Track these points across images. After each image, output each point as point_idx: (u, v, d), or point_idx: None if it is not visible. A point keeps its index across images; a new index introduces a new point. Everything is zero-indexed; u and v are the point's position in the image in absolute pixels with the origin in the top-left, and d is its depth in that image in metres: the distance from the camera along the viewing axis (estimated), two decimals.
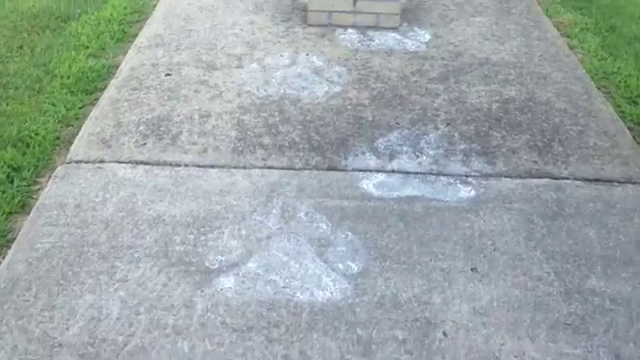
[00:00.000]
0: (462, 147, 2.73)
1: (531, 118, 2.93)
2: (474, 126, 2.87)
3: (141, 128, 2.78)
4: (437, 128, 2.85)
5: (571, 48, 3.64)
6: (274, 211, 2.34)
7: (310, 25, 3.74)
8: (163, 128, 2.79)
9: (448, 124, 2.88)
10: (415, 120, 2.91)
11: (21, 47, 3.50)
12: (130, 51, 3.46)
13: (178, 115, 2.88)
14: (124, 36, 3.71)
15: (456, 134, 2.81)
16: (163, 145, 2.68)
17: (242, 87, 3.12)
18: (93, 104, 3.02)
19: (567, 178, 2.56)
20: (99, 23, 3.81)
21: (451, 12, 3.97)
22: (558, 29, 3.87)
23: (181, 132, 2.77)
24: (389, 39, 3.63)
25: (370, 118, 2.91)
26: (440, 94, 3.11)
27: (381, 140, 2.76)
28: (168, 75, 3.20)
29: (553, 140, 2.78)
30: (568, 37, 3.81)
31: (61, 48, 3.51)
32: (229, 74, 3.23)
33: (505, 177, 2.56)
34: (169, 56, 3.38)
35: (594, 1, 4.24)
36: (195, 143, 2.70)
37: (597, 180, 2.55)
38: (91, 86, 3.18)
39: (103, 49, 3.55)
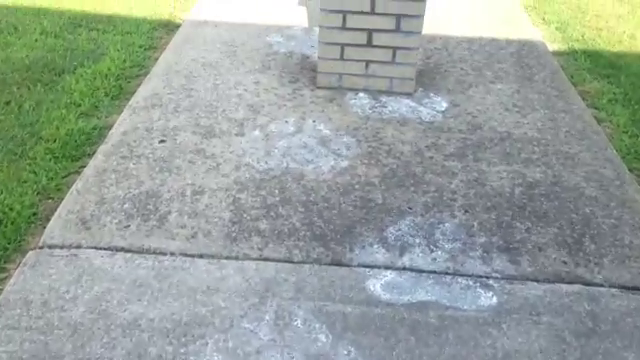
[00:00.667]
0: (482, 240, 2.45)
1: (558, 207, 2.65)
2: (495, 214, 2.59)
3: (126, 206, 2.52)
4: (454, 215, 2.57)
5: (599, 122, 3.38)
6: (267, 317, 2.05)
7: (319, 87, 3.51)
8: (150, 206, 2.53)
9: (466, 211, 2.60)
10: (430, 205, 2.63)
11: (8, 103, 3.27)
12: (125, 111, 3.22)
13: (168, 191, 2.62)
14: (120, 93, 3.49)
15: (475, 223, 2.53)
16: (149, 228, 2.42)
17: (241, 158, 2.87)
18: (78, 172, 2.77)
19: (601, 285, 2.26)
20: (95, 78, 3.59)
21: (469, 77, 3.73)
22: (584, 99, 3.61)
23: (170, 212, 2.50)
24: (403, 106, 3.38)
25: (380, 201, 2.63)
26: (457, 173, 2.84)
27: (391, 229, 2.48)
28: (162, 142, 2.95)
29: (584, 235, 2.49)
30: (595, 108, 3.55)
31: (51, 105, 3.28)
32: (228, 142, 2.98)
33: (531, 281, 2.26)
34: (165, 119, 3.14)
35: (623, 68, 3.99)
36: (184, 226, 2.43)
37: (635, 289, 2.26)
38: (78, 151, 2.93)
39: (96, 107, 3.32)
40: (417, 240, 2.43)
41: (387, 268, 2.29)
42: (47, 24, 4.23)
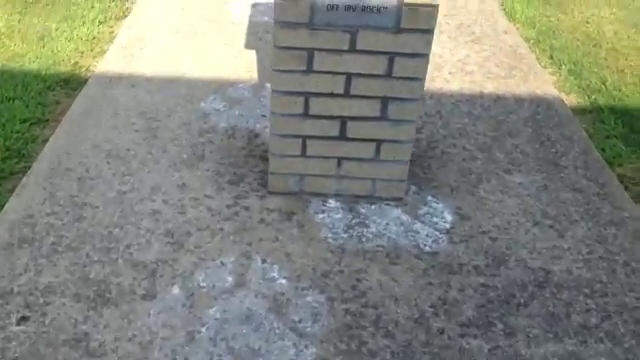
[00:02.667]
0: None
1: None
2: None
3: None
4: None
5: None
6: None
7: (272, 192, 2.49)
8: None
9: None
10: None
11: None
12: None
13: None
14: None
15: None
16: None
17: (146, 352, 1.84)
18: None
19: None
20: None
21: (477, 163, 2.75)
22: (627, 188, 2.67)
23: None
24: (391, 223, 2.38)
25: None
26: None
27: None
28: (23, 321, 1.90)
29: None
30: None
31: None
32: (128, 316, 1.92)
33: None
34: (35, 270, 2.06)
35: None
36: None
37: None
38: None
39: None
40: None
41: None
42: None
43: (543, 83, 3.45)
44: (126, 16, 3.90)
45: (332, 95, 2.25)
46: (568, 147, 2.90)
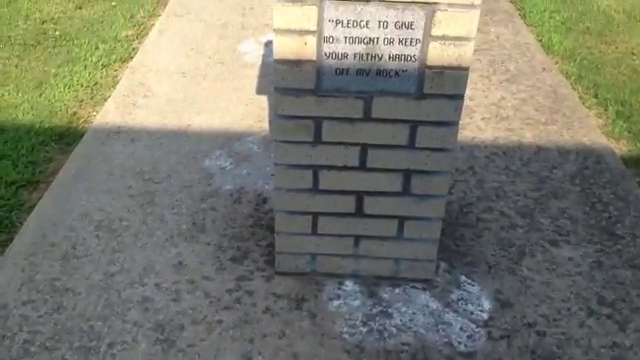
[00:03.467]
0: None
1: None
2: None
3: None
4: None
5: None
6: None
7: (279, 273, 2.17)
8: None
9: None
10: None
11: None
12: None
13: None
14: None
15: None
16: None
17: None
18: None
19: None
20: None
21: (517, 232, 2.37)
22: None
23: None
24: (419, 313, 2.03)
25: None
26: None
27: None
28: None
29: None
30: None
31: None
32: None
33: None
34: None
35: None
36: None
37: None
38: None
39: None
40: None
41: None
42: None
43: (589, 130, 3.07)
44: (132, 57, 3.65)
45: (346, 168, 1.92)
46: (623, 211, 2.52)
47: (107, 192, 2.53)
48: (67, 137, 2.95)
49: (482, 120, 3.11)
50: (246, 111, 3.14)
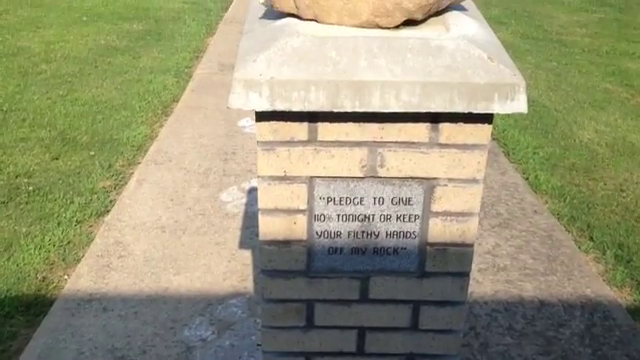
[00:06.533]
0: None
1: None
2: None
3: None
4: None
5: None
6: None
7: None
8: None
9: None
10: None
11: None
12: None
13: None
14: None
15: None
16: None
17: None
18: None
19: None
20: None
21: None
22: None
23: None
24: None
25: None
26: None
27: None
28: None
29: None
30: None
31: None
32: None
33: None
34: None
35: None
36: None
37: None
38: None
39: None
40: None
41: None
42: None
43: (591, 279, 2.92)
44: (108, 211, 3.48)
45: (341, 354, 1.72)
46: None
47: None
48: (34, 307, 2.70)
49: (479, 272, 2.95)
50: (228, 269, 2.95)
